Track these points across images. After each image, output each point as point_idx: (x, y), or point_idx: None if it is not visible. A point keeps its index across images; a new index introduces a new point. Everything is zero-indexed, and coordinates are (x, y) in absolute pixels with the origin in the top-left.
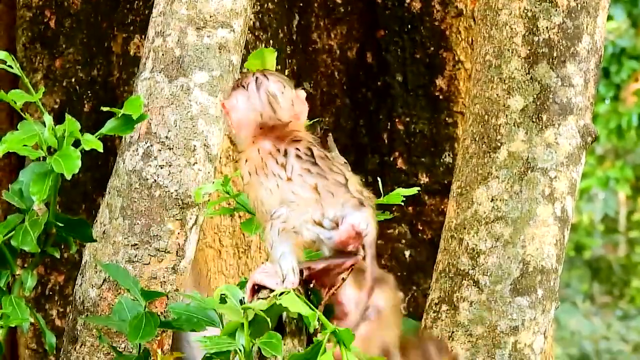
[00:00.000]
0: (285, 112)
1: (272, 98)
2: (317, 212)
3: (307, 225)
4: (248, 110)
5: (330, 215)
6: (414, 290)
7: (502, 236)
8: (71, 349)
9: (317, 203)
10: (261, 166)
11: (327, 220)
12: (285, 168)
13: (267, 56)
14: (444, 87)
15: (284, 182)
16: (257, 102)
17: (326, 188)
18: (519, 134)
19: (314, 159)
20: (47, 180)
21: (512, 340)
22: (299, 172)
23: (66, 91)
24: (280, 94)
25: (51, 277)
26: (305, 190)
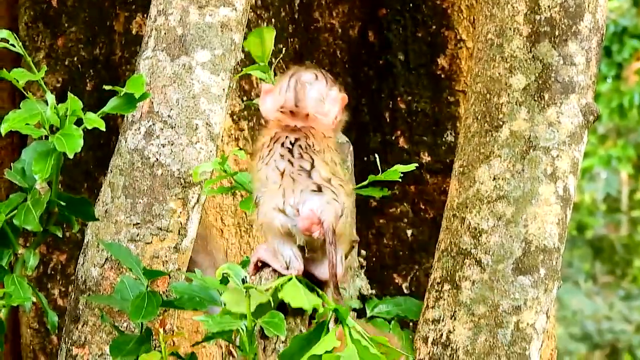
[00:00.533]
0: (310, 102)
1: (299, 85)
2: (279, 199)
3: (273, 213)
4: (275, 91)
5: (290, 202)
6: (416, 269)
7: (504, 215)
8: (73, 328)
9: (280, 189)
10: (260, 149)
11: (288, 207)
12: (270, 152)
13: (266, 35)
14: (446, 66)
15: (264, 165)
16: (285, 84)
17: (290, 174)
18: (520, 112)
19: (291, 147)
20: (49, 159)
21: (514, 319)
22: (275, 157)
23: (68, 70)
24: (309, 85)
25: (53, 256)
26: (274, 174)
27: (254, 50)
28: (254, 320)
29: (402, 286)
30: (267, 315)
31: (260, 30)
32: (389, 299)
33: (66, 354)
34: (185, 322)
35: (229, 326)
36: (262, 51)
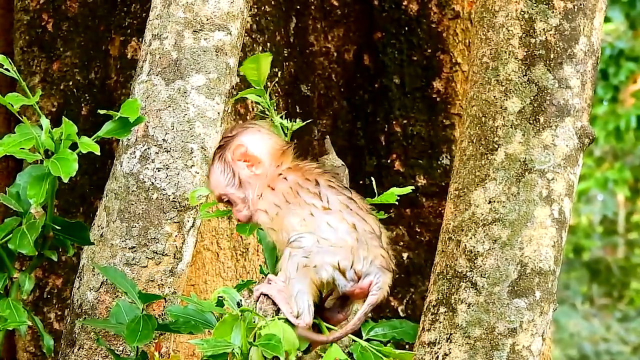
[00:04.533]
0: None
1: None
2: (345, 260)
3: (328, 267)
4: (265, 138)
5: (358, 268)
6: (411, 292)
7: (499, 238)
8: (69, 352)
9: (348, 252)
10: (292, 195)
11: (351, 271)
12: (320, 197)
13: (263, 61)
14: (441, 89)
15: (320, 211)
16: (267, 130)
17: (363, 236)
18: (516, 135)
19: (350, 194)
20: (44, 183)
21: (510, 342)
22: (338, 205)
23: (64, 94)
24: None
25: (49, 280)
26: (343, 227)
27: (250, 75)
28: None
29: (398, 309)
30: (263, 337)
31: (257, 57)
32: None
33: None
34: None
35: (223, 349)
36: (258, 76)
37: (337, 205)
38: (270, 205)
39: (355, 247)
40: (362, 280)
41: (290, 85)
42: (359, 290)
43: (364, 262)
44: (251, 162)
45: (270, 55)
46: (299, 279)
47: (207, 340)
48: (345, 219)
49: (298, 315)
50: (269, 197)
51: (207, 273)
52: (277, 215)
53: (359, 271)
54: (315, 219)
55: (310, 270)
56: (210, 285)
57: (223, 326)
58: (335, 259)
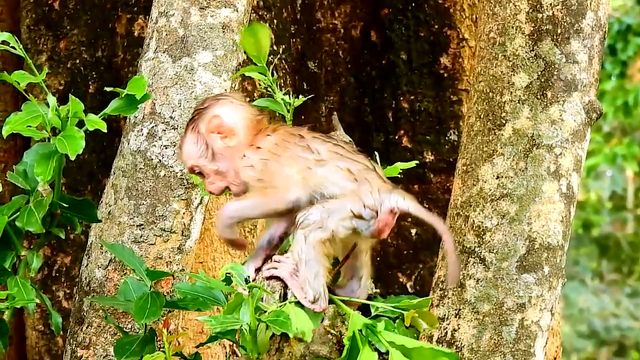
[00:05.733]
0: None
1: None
2: (356, 204)
3: (344, 223)
4: (239, 109)
5: (370, 203)
6: (420, 268)
7: (507, 213)
8: (78, 329)
9: (354, 195)
10: (282, 148)
11: (367, 210)
12: (310, 149)
13: (260, 33)
14: (449, 65)
15: (314, 164)
16: (240, 101)
17: (360, 175)
18: (523, 111)
19: (335, 141)
20: (51, 161)
21: (518, 317)
22: (328, 155)
23: (71, 72)
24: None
25: (57, 258)
26: (340, 176)
27: (250, 50)
28: (257, 320)
29: (407, 285)
30: (271, 314)
31: (254, 28)
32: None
33: (71, 355)
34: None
35: (232, 326)
36: (257, 50)
37: (327, 155)
38: (257, 161)
39: (357, 188)
40: (381, 211)
41: (297, 62)
42: (383, 223)
43: (373, 195)
44: (225, 134)
45: (267, 27)
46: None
47: (215, 317)
48: (339, 166)
49: (314, 300)
50: (253, 155)
51: (215, 250)
52: (266, 167)
53: (373, 205)
54: (313, 174)
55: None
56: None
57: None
58: (347, 209)
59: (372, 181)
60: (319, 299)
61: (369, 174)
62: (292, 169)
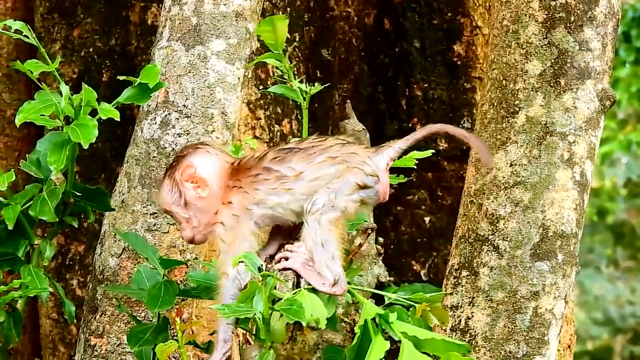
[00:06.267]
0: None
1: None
2: (358, 175)
3: (352, 197)
4: (214, 160)
5: (370, 170)
6: (434, 256)
7: (521, 201)
8: (91, 318)
9: (352, 169)
10: (252, 195)
11: (369, 177)
12: (282, 173)
13: (278, 23)
14: (462, 53)
15: (294, 180)
16: (217, 150)
17: (344, 153)
18: (537, 98)
19: (296, 143)
20: (64, 149)
21: (532, 305)
22: (302, 163)
23: (84, 61)
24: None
25: (71, 246)
26: (327, 169)
27: (267, 38)
28: (271, 308)
29: (421, 273)
30: (285, 302)
31: (272, 19)
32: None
33: (85, 343)
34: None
35: (245, 314)
36: (274, 39)
37: (300, 164)
38: (228, 218)
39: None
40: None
41: (311, 50)
42: (385, 184)
43: (367, 161)
44: (198, 184)
45: (285, 17)
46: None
47: (228, 306)
48: (318, 162)
49: (335, 283)
50: (225, 211)
51: None
52: (237, 224)
53: (373, 171)
54: (299, 188)
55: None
56: None
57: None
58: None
59: (357, 152)
60: (339, 281)
61: (349, 147)
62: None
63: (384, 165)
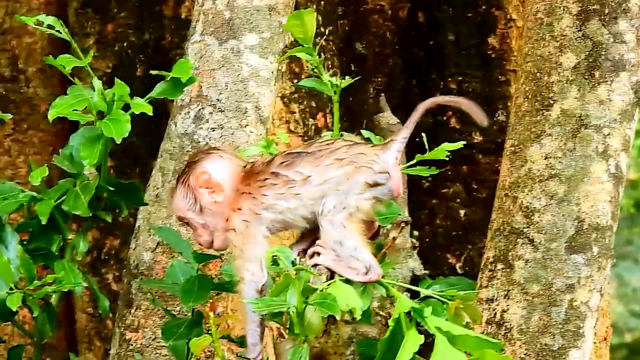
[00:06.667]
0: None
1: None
2: (367, 174)
3: (363, 196)
4: (226, 164)
5: (379, 167)
6: (469, 249)
7: (556, 194)
8: (126, 312)
9: (360, 170)
10: (260, 200)
11: (379, 175)
12: (289, 178)
13: (306, 17)
14: (496, 46)
15: (303, 185)
16: (229, 154)
17: (351, 154)
18: (571, 91)
19: (304, 147)
20: (97, 144)
21: (568, 298)
22: (309, 167)
23: (118, 56)
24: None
25: (106, 241)
26: (335, 171)
27: (296, 33)
28: (304, 301)
29: (456, 266)
30: (319, 297)
31: (300, 13)
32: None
33: (120, 338)
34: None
35: (279, 308)
36: (304, 33)
37: (308, 168)
38: (239, 223)
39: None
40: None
41: (345, 43)
42: (397, 179)
43: (375, 159)
44: (213, 190)
45: (313, 11)
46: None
47: (262, 300)
48: (327, 167)
49: (367, 271)
50: (235, 217)
51: None
52: (247, 230)
53: (382, 168)
54: (306, 192)
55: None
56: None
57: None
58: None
59: (364, 151)
60: (370, 268)
61: (357, 148)
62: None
63: (393, 160)
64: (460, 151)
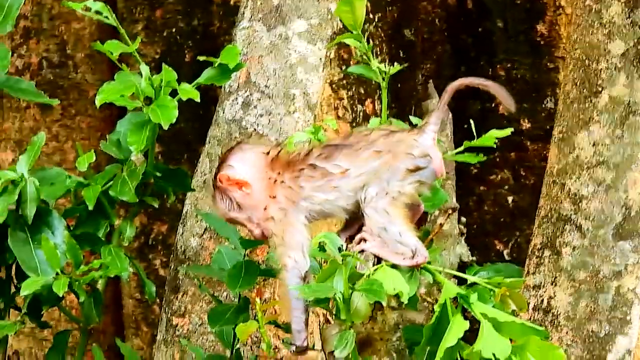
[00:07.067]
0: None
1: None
2: (407, 161)
3: (407, 181)
4: (248, 156)
5: (418, 152)
6: (517, 235)
7: (604, 181)
8: (173, 298)
9: (400, 156)
10: (297, 190)
11: (420, 159)
12: (327, 170)
13: (357, 3)
14: (545, 33)
15: (341, 178)
16: (250, 145)
17: (388, 142)
18: (620, 78)
19: (341, 140)
20: (144, 130)
21: (615, 284)
22: (346, 159)
23: (167, 41)
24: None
25: (154, 226)
26: (373, 163)
27: (345, 19)
28: (351, 287)
29: (503, 252)
30: (365, 283)
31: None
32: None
33: (167, 323)
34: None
35: (325, 294)
36: (353, 19)
37: (345, 160)
38: (276, 211)
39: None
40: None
41: (393, 30)
42: (438, 160)
43: (414, 144)
44: (240, 185)
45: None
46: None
47: (309, 286)
48: (366, 160)
49: (414, 255)
50: (272, 205)
51: None
52: (285, 217)
53: (422, 152)
54: (345, 184)
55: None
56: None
57: (325, 271)
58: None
59: (402, 139)
60: (416, 251)
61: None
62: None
63: (431, 142)
64: (508, 138)
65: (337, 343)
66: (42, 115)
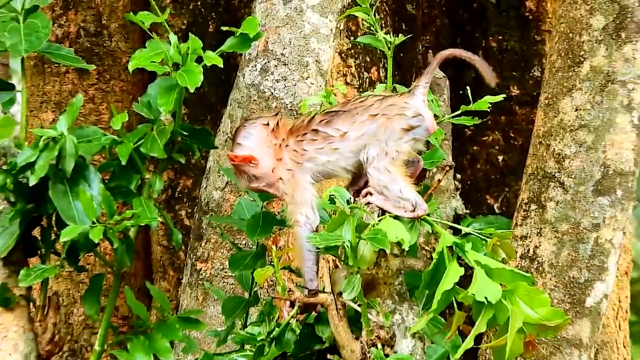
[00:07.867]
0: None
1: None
2: (401, 121)
3: (403, 140)
4: (251, 131)
5: (411, 112)
6: (506, 191)
7: (585, 142)
8: (197, 245)
9: (395, 118)
10: (300, 152)
11: (413, 119)
12: (328, 134)
13: None
14: (533, 8)
15: (341, 140)
16: (253, 120)
17: (381, 108)
18: (600, 50)
19: (340, 110)
20: (172, 93)
21: (594, 236)
22: (347, 123)
23: (193, 13)
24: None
25: (180, 181)
26: (370, 126)
27: None
28: (358, 236)
29: (494, 206)
30: (371, 232)
31: None
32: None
33: (191, 268)
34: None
35: (335, 242)
36: None
37: (345, 124)
38: (284, 172)
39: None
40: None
41: (397, 4)
42: (430, 117)
43: (406, 106)
44: (248, 159)
45: None
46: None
47: (320, 235)
48: (362, 123)
49: (414, 208)
50: (280, 167)
51: None
52: (293, 177)
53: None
54: (345, 146)
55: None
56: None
57: (334, 221)
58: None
59: (394, 102)
60: (417, 205)
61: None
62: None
63: (422, 102)
64: (499, 103)
65: (345, 286)
66: (80, 80)
